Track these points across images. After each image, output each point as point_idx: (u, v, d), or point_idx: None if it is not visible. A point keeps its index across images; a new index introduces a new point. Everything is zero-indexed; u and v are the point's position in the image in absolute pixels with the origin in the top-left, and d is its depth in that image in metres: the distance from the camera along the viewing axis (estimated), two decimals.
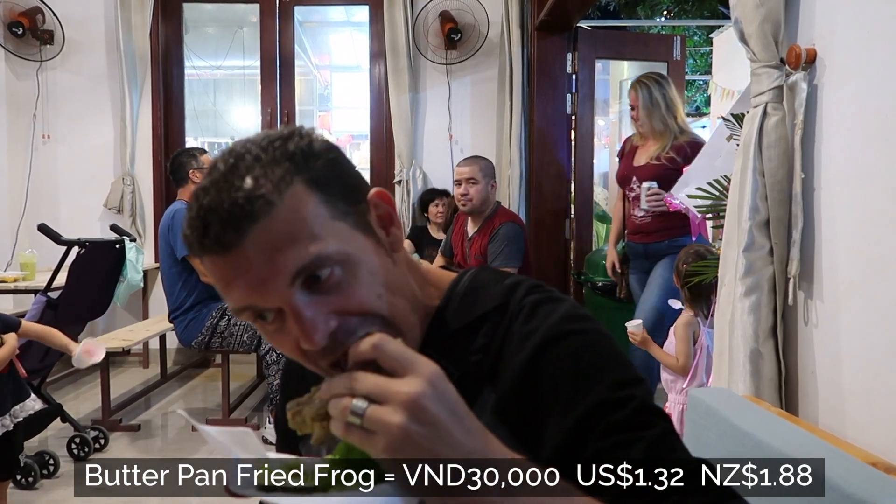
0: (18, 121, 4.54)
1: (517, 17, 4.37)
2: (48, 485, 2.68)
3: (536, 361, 0.68)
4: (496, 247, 3.03)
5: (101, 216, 4.56)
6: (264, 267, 0.61)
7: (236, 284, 0.62)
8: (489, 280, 0.77)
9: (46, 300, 2.80)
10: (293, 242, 0.61)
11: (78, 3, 4.50)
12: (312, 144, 0.66)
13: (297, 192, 0.62)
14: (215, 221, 0.61)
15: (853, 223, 1.25)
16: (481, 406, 0.70)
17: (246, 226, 0.60)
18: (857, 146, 1.24)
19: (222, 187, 0.61)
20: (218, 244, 0.61)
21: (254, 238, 0.60)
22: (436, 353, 0.71)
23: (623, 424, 0.63)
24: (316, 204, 0.63)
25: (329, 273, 0.63)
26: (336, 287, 0.63)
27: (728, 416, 1.13)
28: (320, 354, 0.65)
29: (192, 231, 0.63)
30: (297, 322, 0.62)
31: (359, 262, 0.65)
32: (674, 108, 3.04)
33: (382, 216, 0.70)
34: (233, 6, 5.27)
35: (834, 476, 0.87)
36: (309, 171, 0.64)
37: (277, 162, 0.63)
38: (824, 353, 1.33)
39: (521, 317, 0.71)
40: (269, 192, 0.61)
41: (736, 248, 1.43)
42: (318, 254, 0.62)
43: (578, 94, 4.37)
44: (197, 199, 0.62)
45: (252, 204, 0.60)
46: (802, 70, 1.34)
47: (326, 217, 0.63)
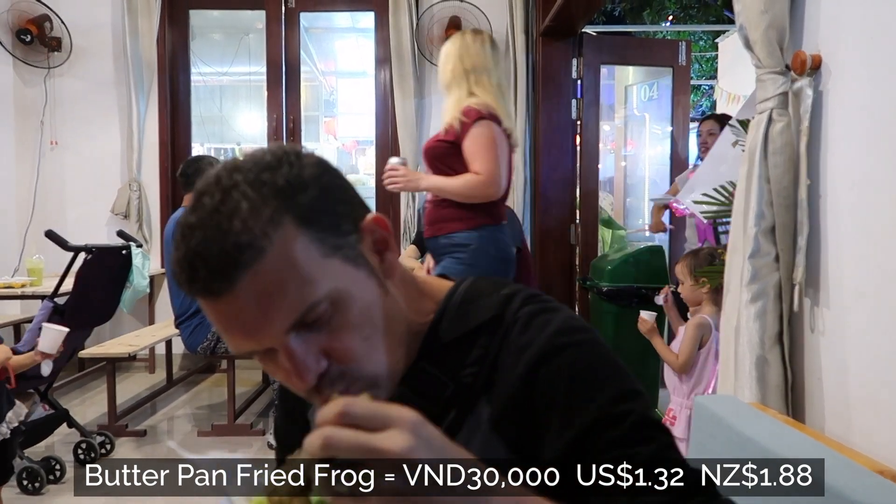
0: (26, 127, 4.57)
1: (522, 22, 4.38)
2: (54, 490, 2.69)
3: (532, 376, 0.67)
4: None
5: (107, 222, 4.58)
6: (256, 314, 0.60)
7: (231, 328, 0.62)
8: (484, 290, 0.76)
9: (53, 306, 2.82)
10: (286, 291, 0.60)
11: (85, 10, 4.53)
12: (302, 173, 0.63)
13: (286, 233, 0.61)
14: (203, 268, 0.59)
15: (859, 229, 1.25)
16: (476, 418, 0.70)
17: (236, 274, 0.59)
18: (862, 152, 1.24)
19: (209, 228, 0.59)
20: (207, 291, 0.60)
21: (244, 286, 0.59)
22: (431, 366, 0.72)
23: (621, 441, 0.62)
24: (306, 243, 0.61)
25: (320, 313, 0.62)
26: (326, 325, 0.63)
27: (734, 424, 1.12)
28: (308, 394, 0.65)
29: (180, 271, 0.61)
30: (289, 361, 0.63)
31: (349, 299, 0.64)
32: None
33: (377, 241, 0.69)
34: (239, 13, 5.30)
35: (840, 484, 0.86)
36: (298, 207, 0.62)
37: (266, 200, 0.60)
38: (831, 360, 1.32)
39: (517, 328, 0.70)
40: (258, 237, 0.59)
41: (742, 254, 1.42)
42: (311, 300, 0.61)
43: (584, 100, 4.37)
44: (184, 237, 0.60)
45: (241, 252, 0.59)
46: (808, 76, 1.34)
47: (317, 256, 0.62)
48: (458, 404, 0.71)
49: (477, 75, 2.37)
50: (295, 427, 0.88)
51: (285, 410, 0.91)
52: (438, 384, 0.71)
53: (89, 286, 2.96)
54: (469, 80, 2.37)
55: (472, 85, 2.37)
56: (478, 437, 0.69)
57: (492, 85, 2.36)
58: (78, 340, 3.16)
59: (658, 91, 5.41)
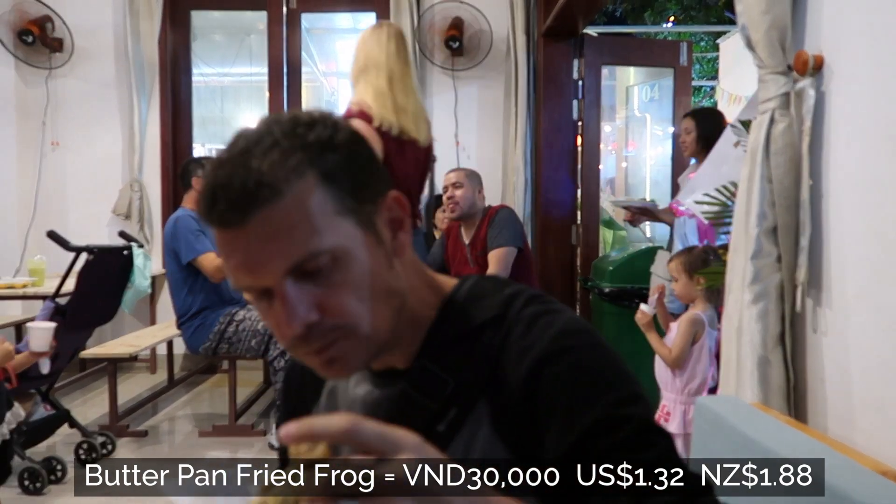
0: (28, 128, 4.57)
1: (523, 23, 4.38)
2: (56, 490, 2.69)
3: (535, 377, 0.67)
4: (494, 230, 3.01)
5: (109, 222, 4.58)
6: (261, 252, 0.63)
7: (234, 260, 0.64)
8: (488, 289, 0.76)
9: (55, 306, 2.82)
10: (292, 234, 0.63)
11: (87, 11, 4.53)
12: (335, 136, 0.66)
13: (307, 183, 0.63)
14: (223, 198, 0.62)
15: (861, 230, 1.24)
16: (477, 418, 0.70)
17: (250, 209, 0.62)
18: (865, 152, 1.24)
19: (236, 165, 0.63)
20: (221, 220, 0.63)
21: (256, 222, 0.62)
22: (432, 363, 0.73)
23: (622, 445, 0.61)
24: (322, 197, 0.64)
25: (321, 264, 0.64)
26: (325, 279, 0.65)
27: (736, 424, 1.12)
28: (295, 342, 0.66)
29: (202, 201, 0.65)
30: (281, 305, 0.64)
31: (352, 260, 0.66)
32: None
33: (393, 219, 0.71)
34: (240, 14, 5.30)
35: (843, 485, 0.86)
36: (323, 164, 0.64)
37: (294, 151, 0.64)
38: (833, 361, 1.32)
39: (519, 329, 0.70)
40: (278, 180, 0.62)
41: (743, 255, 1.42)
42: (314, 249, 0.63)
43: (585, 101, 4.37)
44: (213, 169, 0.64)
45: (260, 190, 0.62)
46: (810, 76, 1.33)
47: (330, 211, 0.64)
48: (459, 402, 0.71)
49: (366, 72, 2.33)
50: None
51: (287, 410, 0.91)
52: (440, 382, 0.71)
53: (91, 286, 2.97)
54: (359, 77, 2.34)
55: (359, 82, 2.34)
56: (479, 436, 0.69)
57: (377, 79, 2.30)
58: (79, 341, 3.16)
59: (659, 92, 5.41)
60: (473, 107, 4.67)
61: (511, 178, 4.44)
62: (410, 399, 0.72)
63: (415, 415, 0.71)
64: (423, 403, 0.71)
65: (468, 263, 3.13)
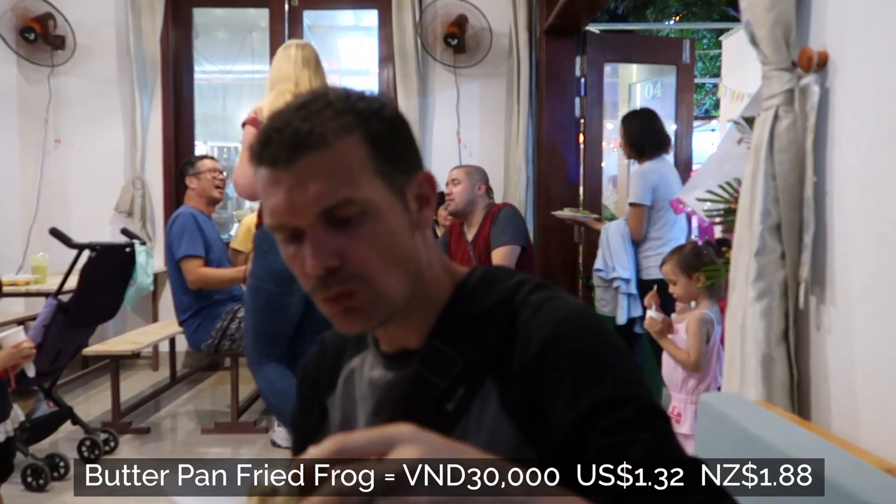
0: (30, 125, 4.58)
1: (525, 21, 4.37)
2: (58, 487, 2.69)
3: (541, 359, 0.70)
4: (498, 229, 3.02)
5: (111, 220, 4.59)
6: (301, 192, 0.69)
7: (275, 198, 0.70)
8: (498, 277, 0.80)
9: (57, 303, 2.82)
10: (331, 180, 0.69)
11: (89, 8, 4.53)
12: (382, 110, 0.73)
13: (352, 140, 0.70)
14: (276, 140, 0.69)
15: (866, 227, 1.24)
16: (484, 397, 0.73)
17: (298, 152, 0.69)
18: (869, 149, 1.23)
19: (293, 115, 0.70)
20: (271, 159, 0.70)
21: (301, 165, 0.69)
22: (443, 343, 0.76)
23: (624, 424, 0.64)
24: (363, 156, 0.71)
25: (351, 214, 0.69)
26: (352, 230, 0.70)
27: (740, 421, 1.12)
28: (315, 284, 0.71)
29: (257, 143, 0.71)
30: (309, 244, 0.69)
31: (379, 217, 0.71)
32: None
33: (421, 196, 0.76)
34: (242, 11, 5.30)
35: (846, 482, 0.86)
36: (369, 128, 0.71)
37: (345, 113, 0.71)
38: (837, 358, 1.32)
39: (527, 313, 0.74)
40: (328, 132, 0.69)
41: (747, 252, 1.42)
42: (348, 196, 0.69)
43: (587, 98, 4.36)
44: (270, 118, 0.72)
45: (310, 136, 0.69)
46: (814, 73, 1.33)
47: (368, 170, 0.71)
48: (468, 382, 0.74)
49: (276, 83, 2.57)
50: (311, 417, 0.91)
51: (302, 403, 0.93)
52: (449, 361, 0.74)
53: (93, 284, 2.97)
54: (271, 89, 2.60)
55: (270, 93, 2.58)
56: (486, 416, 0.72)
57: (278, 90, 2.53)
58: (82, 338, 3.17)
59: (662, 89, 5.40)
60: (475, 104, 4.67)
61: (513, 175, 4.44)
62: (421, 378, 0.75)
63: (425, 394, 0.74)
64: (434, 382, 0.74)
65: (471, 261, 3.13)
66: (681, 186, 3.18)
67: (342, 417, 0.86)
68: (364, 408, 0.82)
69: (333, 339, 0.93)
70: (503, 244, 2.99)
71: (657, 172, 3.22)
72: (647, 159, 3.28)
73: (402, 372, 0.78)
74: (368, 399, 0.82)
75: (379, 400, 0.80)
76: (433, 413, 0.73)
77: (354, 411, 0.84)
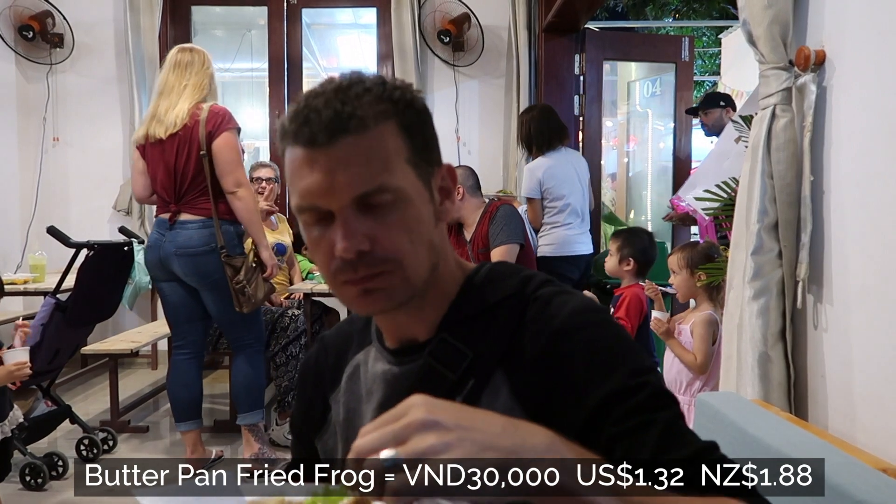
0: (28, 124, 4.57)
1: (524, 18, 4.37)
2: (57, 486, 2.69)
3: (554, 349, 0.71)
4: (496, 228, 3.02)
5: (110, 218, 4.58)
6: (337, 175, 0.69)
7: (310, 179, 0.70)
8: (506, 271, 0.81)
9: (55, 302, 2.82)
10: (369, 165, 0.70)
11: (88, 6, 4.52)
12: (414, 101, 0.75)
13: (389, 127, 0.72)
14: (315, 121, 0.69)
15: (863, 226, 1.24)
16: (494, 389, 0.74)
17: (338, 134, 0.69)
18: (866, 148, 1.23)
19: (332, 98, 0.70)
20: (308, 139, 0.70)
21: (340, 147, 0.69)
22: (452, 337, 0.76)
23: (638, 408, 0.66)
24: (399, 144, 0.72)
25: (384, 201, 0.70)
26: (382, 216, 0.71)
27: (736, 421, 1.12)
28: (342, 266, 0.71)
29: (292, 121, 0.71)
30: (341, 227, 0.70)
31: (410, 204, 0.72)
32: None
33: (444, 188, 0.78)
34: (241, 9, 5.29)
35: (843, 482, 0.86)
36: (403, 118, 0.73)
37: (382, 100, 0.72)
38: (834, 357, 1.32)
39: (537, 306, 0.75)
40: (367, 117, 0.70)
41: (744, 251, 1.42)
42: (384, 183, 0.70)
43: (586, 96, 4.36)
44: (306, 98, 0.72)
45: (351, 120, 0.69)
46: (811, 72, 1.33)
47: (402, 158, 0.72)
48: (477, 374, 0.75)
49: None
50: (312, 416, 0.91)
51: (303, 401, 0.94)
52: (458, 354, 0.75)
53: (91, 283, 2.96)
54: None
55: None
56: (497, 407, 0.72)
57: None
58: (80, 337, 3.16)
59: (661, 87, 5.40)
60: (475, 102, 4.66)
61: (512, 173, 4.43)
62: (431, 370, 0.76)
63: (434, 387, 0.73)
64: (443, 374, 0.75)
65: (469, 261, 3.13)
66: (577, 175, 3.52)
67: (346, 414, 0.86)
68: (370, 403, 0.82)
69: (334, 336, 0.93)
70: (502, 243, 2.99)
71: (543, 168, 3.47)
72: (538, 154, 3.52)
73: (409, 365, 0.79)
74: (374, 394, 0.82)
75: (386, 394, 0.80)
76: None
77: (359, 408, 0.84)
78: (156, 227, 2.77)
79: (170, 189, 2.67)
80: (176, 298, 2.78)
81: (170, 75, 2.73)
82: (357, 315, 0.92)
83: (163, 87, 2.75)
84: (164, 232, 2.70)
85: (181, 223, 2.67)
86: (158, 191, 2.73)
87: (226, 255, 2.66)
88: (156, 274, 2.78)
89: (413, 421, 0.52)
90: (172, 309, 2.82)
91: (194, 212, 2.67)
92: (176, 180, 2.66)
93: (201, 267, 2.67)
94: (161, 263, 2.70)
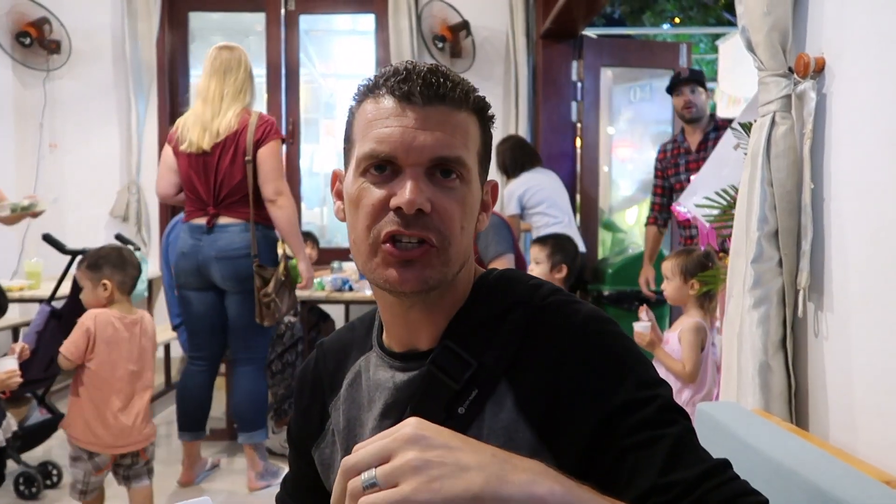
0: (25, 130, 4.56)
1: (522, 25, 4.37)
2: (51, 495, 2.67)
3: (561, 360, 0.71)
4: (483, 239, 3.00)
5: (106, 225, 4.57)
6: (422, 133, 0.72)
7: (392, 130, 0.72)
8: (514, 279, 0.81)
9: (51, 310, 2.80)
10: (455, 134, 0.73)
11: (85, 13, 4.52)
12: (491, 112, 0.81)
13: (474, 118, 0.77)
14: (419, 79, 0.72)
15: (864, 234, 1.23)
16: (498, 399, 0.73)
17: (435, 100, 0.73)
18: (867, 155, 1.22)
19: (436, 69, 0.75)
20: (404, 94, 0.72)
21: (435, 110, 0.72)
22: (456, 345, 0.75)
23: (647, 422, 0.65)
24: (477, 136, 0.77)
25: (457, 172, 0.74)
26: (448, 189, 0.73)
27: (737, 431, 1.11)
28: (396, 219, 0.71)
29: (385, 77, 0.74)
30: (410, 181, 0.71)
31: (471, 189, 0.76)
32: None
33: (485, 201, 0.82)
34: (239, 15, 5.28)
35: (844, 494, 0.84)
36: (484, 118, 0.79)
37: (475, 94, 0.78)
38: (835, 367, 1.31)
39: (545, 315, 0.74)
40: (463, 99, 0.75)
41: (744, 259, 1.40)
42: (461, 157, 0.74)
43: (584, 102, 4.36)
44: (405, 66, 0.74)
45: (454, 90, 0.74)
46: (811, 79, 1.32)
47: (475, 148, 0.77)
48: (480, 384, 0.74)
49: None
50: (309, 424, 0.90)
51: (301, 409, 0.92)
52: (462, 363, 0.74)
53: None
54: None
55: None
56: (501, 418, 0.72)
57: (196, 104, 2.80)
58: None
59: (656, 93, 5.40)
60: None
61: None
62: (433, 379, 0.75)
63: (436, 396, 0.73)
64: (446, 383, 0.74)
65: None
66: (551, 187, 3.80)
67: (346, 423, 0.84)
68: (371, 411, 0.81)
69: (334, 342, 0.92)
70: (497, 254, 2.96)
71: (521, 185, 3.79)
72: (513, 177, 3.86)
73: (410, 373, 0.77)
74: (376, 402, 0.81)
75: (387, 402, 0.79)
76: (443, 416, 0.72)
77: (359, 415, 0.83)
78: (188, 233, 2.69)
79: (209, 192, 2.63)
80: (203, 309, 2.73)
81: (211, 81, 2.70)
82: (358, 322, 0.91)
83: (205, 92, 2.73)
84: (201, 236, 2.64)
85: (221, 227, 2.63)
86: (192, 193, 2.67)
87: (258, 263, 2.62)
88: (188, 281, 2.71)
89: (399, 436, 0.53)
90: (197, 319, 2.77)
91: (235, 215, 2.63)
92: (216, 184, 2.62)
93: (241, 271, 2.63)
94: (198, 270, 2.65)
